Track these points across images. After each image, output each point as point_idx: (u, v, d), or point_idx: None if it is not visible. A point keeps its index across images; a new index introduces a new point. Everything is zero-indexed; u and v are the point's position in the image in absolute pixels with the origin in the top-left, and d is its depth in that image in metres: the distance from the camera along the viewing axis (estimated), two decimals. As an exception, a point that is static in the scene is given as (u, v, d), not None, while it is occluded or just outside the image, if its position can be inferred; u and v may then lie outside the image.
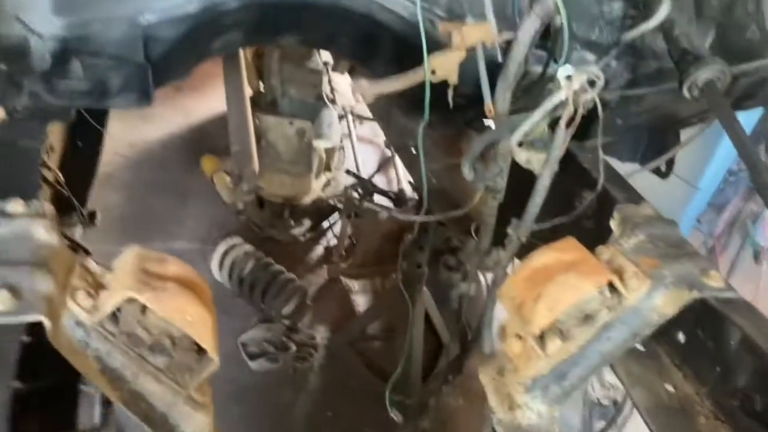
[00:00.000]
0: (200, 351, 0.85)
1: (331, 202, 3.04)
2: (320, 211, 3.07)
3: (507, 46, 1.28)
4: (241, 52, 2.93)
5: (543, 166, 1.23)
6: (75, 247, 0.91)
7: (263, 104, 2.96)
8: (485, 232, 1.48)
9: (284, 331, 2.52)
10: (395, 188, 3.40)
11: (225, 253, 2.70)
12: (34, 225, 0.82)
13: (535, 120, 1.20)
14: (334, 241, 3.08)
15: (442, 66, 1.22)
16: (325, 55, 3.01)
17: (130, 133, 3.62)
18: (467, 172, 1.35)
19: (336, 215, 3.10)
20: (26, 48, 1.16)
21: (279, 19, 1.43)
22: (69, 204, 1.57)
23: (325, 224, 3.15)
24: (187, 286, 0.85)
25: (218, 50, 1.49)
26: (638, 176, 1.70)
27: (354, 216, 2.85)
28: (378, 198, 3.11)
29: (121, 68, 1.26)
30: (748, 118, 2.17)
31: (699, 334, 1.02)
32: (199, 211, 3.16)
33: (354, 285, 2.92)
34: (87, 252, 0.93)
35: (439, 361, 2.24)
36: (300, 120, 2.91)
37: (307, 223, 3.03)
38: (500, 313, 1.22)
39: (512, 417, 1.00)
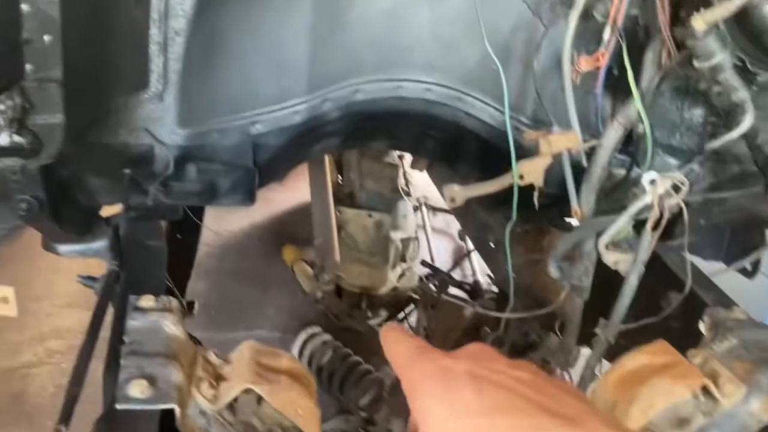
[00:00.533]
0: (307, 441, 0.90)
1: (408, 293, 3.09)
2: (397, 301, 3.12)
3: (591, 151, 1.35)
4: (325, 150, 3.10)
5: (630, 267, 1.26)
6: (192, 338, 0.99)
7: (341, 196, 3.11)
8: (570, 330, 1.50)
9: (362, 423, 2.53)
10: (470, 280, 3.43)
11: (305, 343, 2.76)
12: (164, 319, 0.91)
13: (621, 223, 1.24)
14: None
15: (530, 172, 1.29)
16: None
17: (215, 222, 3.81)
18: (553, 271, 1.40)
19: (412, 306, 3.14)
20: (151, 155, 1.29)
21: (373, 126, 1.55)
22: (172, 294, 1.68)
23: (401, 315, 3.19)
24: (297, 380, 0.91)
25: (317, 153, 1.62)
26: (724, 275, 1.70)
27: (431, 308, 2.88)
28: (453, 290, 3.14)
29: (231, 172, 1.39)
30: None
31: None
32: (279, 300, 3.26)
33: (430, 377, 2.91)
34: (199, 343, 1.01)
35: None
36: (378, 212, 3.02)
37: (383, 313, 3.08)
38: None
39: None
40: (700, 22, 1.01)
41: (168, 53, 1.18)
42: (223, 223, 3.86)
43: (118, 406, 0.76)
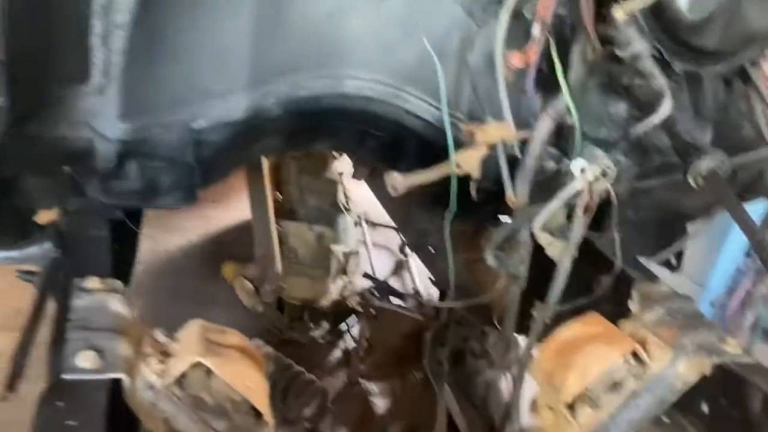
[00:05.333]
0: (257, 415, 0.91)
1: (349, 304, 3.10)
2: (339, 313, 3.12)
3: (524, 145, 1.41)
4: (265, 163, 3.10)
5: (563, 252, 1.32)
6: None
7: (282, 212, 3.11)
8: (508, 320, 1.55)
9: (305, 433, 2.51)
10: (410, 291, 3.47)
11: (247, 355, 2.73)
12: (110, 298, 0.90)
13: (553, 208, 1.30)
14: (352, 344, 3.12)
15: (466, 161, 1.34)
16: (340, 166, 3.18)
17: (151, 242, 3.74)
18: (490, 260, 1.45)
19: (354, 318, 3.15)
20: (92, 150, 1.28)
21: (315, 125, 1.57)
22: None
23: (344, 327, 3.20)
24: (246, 355, 0.92)
25: (258, 154, 1.63)
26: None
27: (372, 318, 2.91)
28: (394, 300, 3.17)
29: (172, 169, 1.39)
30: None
31: (722, 403, 1.07)
32: (220, 317, 3.16)
33: (374, 387, 2.93)
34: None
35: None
36: (319, 225, 3.04)
37: (325, 325, 3.08)
38: (527, 393, 1.27)
39: (548, 486, 1.04)
40: (620, 12, 1.09)
41: (109, 46, 1.19)
42: (159, 243, 3.79)
43: (65, 376, 0.75)
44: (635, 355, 1.03)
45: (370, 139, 1.64)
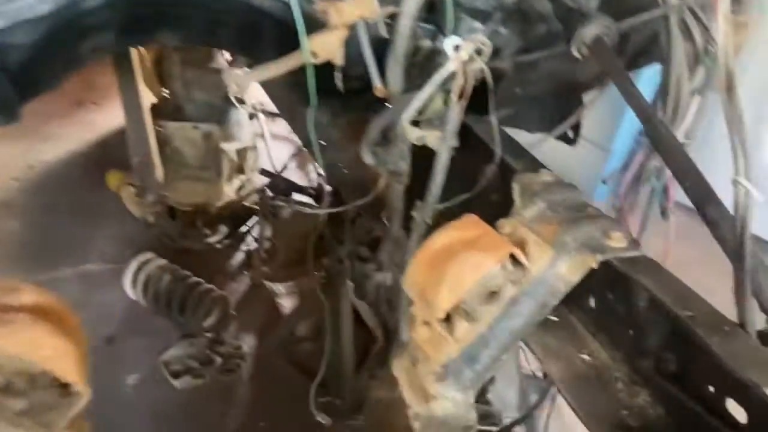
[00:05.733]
0: (66, 386, 0.75)
1: (247, 204, 2.93)
2: (236, 215, 2.96)
3: (392, 21, 1.23)
4: (136, 59, 2.78)
5: (440, 143, 1.18)
6: None
7: (168, 111, 2.83)
8: (394, 219, 1.43)
9: (208, 344, 2.41)
10: (314, 184, 3.32)
11: (137, 271, 2.55)
12: None
13: (425, 95, 1.15)
14: (254, 245, 2.97)
15: (323, 47, 1.15)
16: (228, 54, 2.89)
17: (26, 155, 3.41)
18: (367, 157, 1.30)
19: (254, 218, 2.99)
20: None
21: (150, 16, 1.33)
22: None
23: (244, 229, 3.04)
24: (44, 316, 0.75)
25: (90, 55, 1.38)
26: (555, 147, 1.68)
27: (272, 217, 2.75)
28: (297, 196, 3.02)
29: (-26, 81, 1.15)
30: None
31: (609, 298, 0.99)
32: (109, 231, 2.99)
33: (279, 288, 2.83)
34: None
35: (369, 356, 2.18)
36: (206, 123, 2.79)
37: (223, 229, 2.92)
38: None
39: (428, 409, 0.95)
40: None
41: None
42: (37, 154, 3.46)
43: None
44: (514, 258, 0.92)
45: (221, 28, 1.42)
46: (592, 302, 1.03)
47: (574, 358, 1.00)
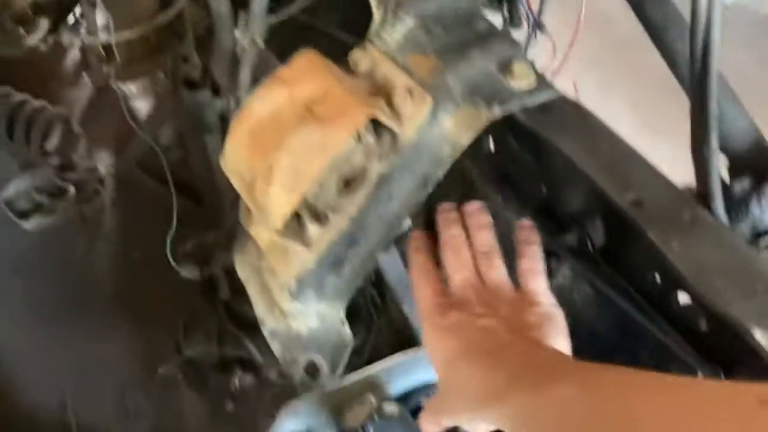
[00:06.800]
0: None
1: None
2: (58, 3, 2.38)
3: None
4: None
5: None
6: None
7: None
8: (221, 25, 1.06)
9: (55, 172, 2.04)
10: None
11: (-60, 97, 2.06)
12: None
13: None
14: (89, 39, 2.45)
15: None
16: None
17: None
18: None
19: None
20: None
21: None
22: None
23: (71, 19, 2.48)
24: None
25: None
26: None
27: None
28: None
29: None
30: None
31: (512, 145, 0.73)
32: None
33: (131, 88, 2.38)
34: None
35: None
36: None
37: (43, 24, 2.36)
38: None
39: (286, 325, 0.71)
40: None
41: None
42: None
43: None
44: (375, 121, 0.62)
45: None
46: (490, 145, 0.76)
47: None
